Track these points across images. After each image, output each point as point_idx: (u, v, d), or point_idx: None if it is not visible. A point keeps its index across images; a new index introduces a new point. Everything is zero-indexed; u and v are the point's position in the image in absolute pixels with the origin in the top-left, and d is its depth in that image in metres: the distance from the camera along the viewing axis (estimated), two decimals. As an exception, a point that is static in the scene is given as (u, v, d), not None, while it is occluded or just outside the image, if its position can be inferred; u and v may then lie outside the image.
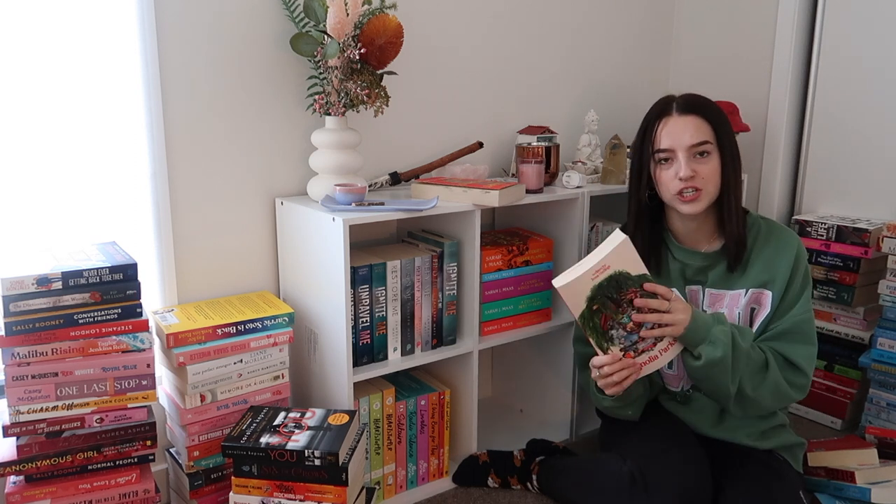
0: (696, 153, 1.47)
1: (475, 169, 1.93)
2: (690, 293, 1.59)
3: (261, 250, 1.79)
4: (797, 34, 2.24)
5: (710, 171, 1.48)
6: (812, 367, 1.50)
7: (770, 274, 1.51)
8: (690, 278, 1.59)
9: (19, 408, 1.34)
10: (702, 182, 1.47)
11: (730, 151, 1.50)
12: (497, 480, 1.80)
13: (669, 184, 1.50)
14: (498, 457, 1.83)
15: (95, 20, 1.51)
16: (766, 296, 1.52)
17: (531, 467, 1.79)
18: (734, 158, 1.51)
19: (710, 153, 1.48)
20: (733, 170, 1.50)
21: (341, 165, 1.66)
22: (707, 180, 1.47)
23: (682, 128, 1.47)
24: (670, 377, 1.62)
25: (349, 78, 1.59)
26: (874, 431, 1.86)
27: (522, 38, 2.15)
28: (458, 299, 1.80)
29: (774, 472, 1.50)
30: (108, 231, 1.61)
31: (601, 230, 2.02)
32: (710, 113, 1.49)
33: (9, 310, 1.31)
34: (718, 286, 1.56)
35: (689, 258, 1.58)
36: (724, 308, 1.55)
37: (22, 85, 1.46)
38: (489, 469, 1.81)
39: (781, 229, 1.56)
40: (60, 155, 1.53)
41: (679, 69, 2.55)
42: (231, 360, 1.54)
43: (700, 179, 1.47)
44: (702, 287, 1.58)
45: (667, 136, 1.49)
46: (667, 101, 1.53)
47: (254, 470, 1.40)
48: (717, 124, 1.49)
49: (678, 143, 1.47)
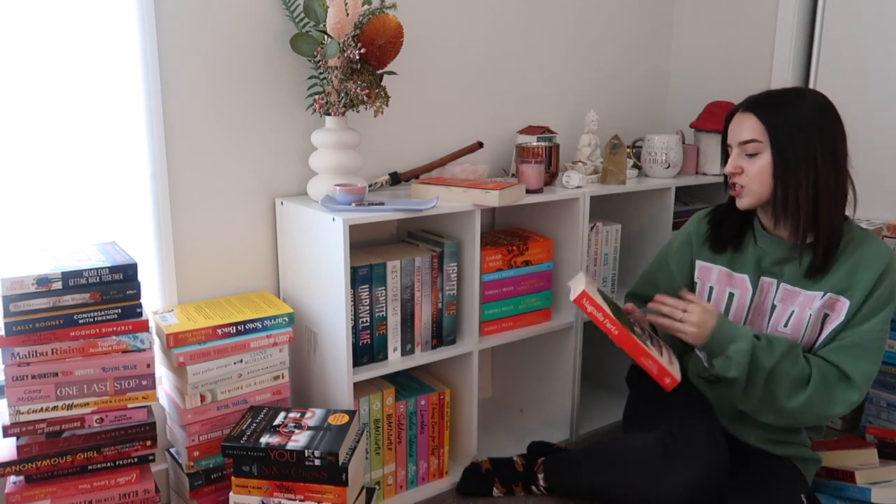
0: (747, 150, 1.48)
1: (475, 169, 1.93)
2: (764, 284, 1.56)
3: (261, 250, 1.79)
4: (797, 34, 2.24)
5: (755, 169, 1.47)
6: (867, 386, 1.44)
7: (851, 282, 1.46)
8: (766, 269, 1.55)
9: (19, 408, 1.34)
10: (745, 179, 1.49)
11: (787, 153, 1.43)
12: (502, 490, 1.76)
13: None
14: (501, 464, 1.80)
15: (95, 20, 1.51)
16: (843, 304, 1.46)
17: (534, 469, 1.77)
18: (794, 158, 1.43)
19: (759, 152, 1.46)
20: (786, 171, 1.43)
21: (341, 165, 1.66)
22: (751, 178, 1.48)
23: (738, 125, 1.50)
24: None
25: (349, 78, 1.59)
26: (874, 431, 1.86)
27: (522, 38, 2.15)
28: (458, 299, 1.80)
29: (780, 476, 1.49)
30: (108, 231, 1.61)
31: (601, 230, 2.03)
32: (766, 111, 1.46)
33: (9, 310, 1.31)
34: (795, 282, 1.52)
35: (770, 246, 1.54)
36: (795, 307, 1.51)
37: (22, 85, 1.46)
38: (493, 478, 1.78)
39: (875, 240, 1.49)
40: (61, 155, 1.53)
41: (679, 69, 2.55)
42: (231, 360, 1.54)
43: (744, 177, 1.49)
44: (777, 280, 1.54)
45: (729, 133, 1.53)
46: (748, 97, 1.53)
47: (254, 470, 1.40)
48: (772, 123, 1.45)
49: (733, 139, 1.51)
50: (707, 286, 1.65)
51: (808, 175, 1.43)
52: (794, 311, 1.51)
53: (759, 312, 1.57)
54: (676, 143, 2.12)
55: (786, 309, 1.53)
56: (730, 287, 1.61)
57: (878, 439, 1.83)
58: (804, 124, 1.44)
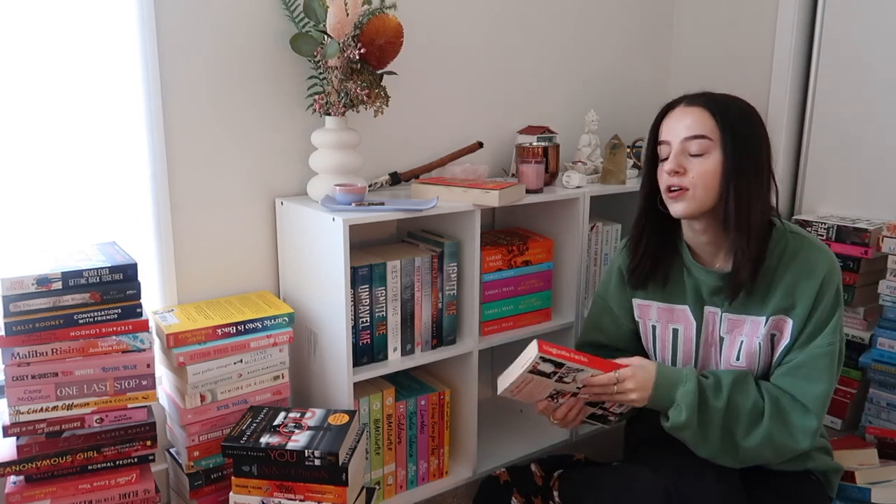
0: (691, 148, 1.31)
1: (475, 169, 1.93)
2: (708, 315, 1.45)
3: (261, 250, 1.79)
4: (797, 34, 2.24)
5: (702, 170, 1.30)
6: (822, 409, 1.33)
7: (792, 299, 1.34)
8: (707, 299, 1.44)
9: (19, 408, 1.34)
10: (689, 181, 1.31)
11: (738, 153, 1.29)
12: (521, 500, 1.68)
13: (662, 181, 1.36)
14: (519, 474, 1.72)
15: (95, 20, 1.51)
16: (787, 323, 1.35)
17: (551, 484, 1.68)
18: (742, 161, 1.30)
19: (707, 151, 1.30)
20: (737, 174, 1.29)
21: (341, 165, 1.66)
22: (697, 179, 1.31)
23: (681, 118, 1.33)
24: None
25: (349, 78, 1.59)
26: (874, 431, 1.86)
27: (522, 38, 2.15)
28: (458, 299, 1.80)
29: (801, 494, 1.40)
30: (108, 231, 1.61)
31: (601, 230, 2.03)
32: (719, 106, 1.32)
33: (9, 310, 1.31)
34: (737, 311, 1.40)
35: (703, 276, 1.42)
36: (743, 336, 1.40)
37: (22, 85, 1.46)
38: (511, 489, 1.70)
39: (811, 247, 1.36)
40: (61, 155, 1.53)
41: (679, 68, 2.55)
42: (231, 360, 1.54)
43: (688, 178, 1.31)
44: (720, 310, 1.43)
45: (666, 127, 1.36)
46: (684, 95, 1.39)
47: (254, 470, 1.40)
48: (725, 120, 1.30)
49: (673, 134, 1.33)
50: (650, 325, 1.52)
51: (757, 180, 1.32)
52: (744, 340, 1.40)
53: (708, 345, 1.46)
54: (676, 143, 2.12)
55: (734, 340, 1.42)
56: (672, 323, 1.49)
57: (878, 439, 1.83)
58: (752, 122, 1.33)
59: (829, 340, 1.33)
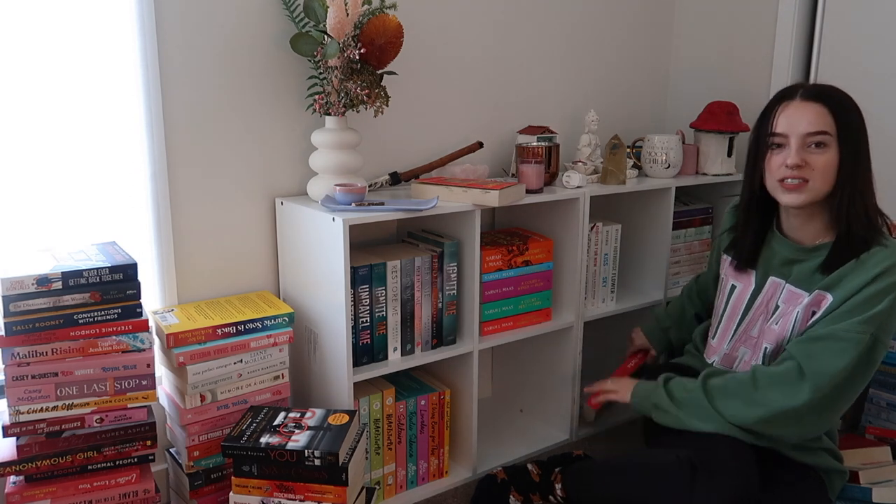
0: (810, 143, 1.38)
1: (475, 169, 1.93)
2: (770, 284, 1.52)
3: (261, 250, 1.79)
4: (797, 34, 2.24)
5: (823, 163, 1.37)
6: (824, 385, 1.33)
7: (842, 280, 1.37)
8: (776, 269, 1.51)
9: (19, 408, 1.34)
10: (810, 173, 1.38)
11: (852, 148, 1.38)
12: (519, 498, 1.70)
13: (776, 171, 1.42)
14: (516, 473, 1.75)
15: (95, 19, 1.51)
16: (827, 300, 1.39)
17: (552, 478, 1.70)
18: (856, 156, 1.39)
19: (826, 145, 1.37)
20: (853, 167, 1.38)
21: (341, 165, 1.66)
22: (817, 173, 1.38)
23: (801, 114, 1.39)
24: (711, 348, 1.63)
25: (349, 78, 1.59)
26: (874, 431, 1.86)
27: (523, 38, 2.15)
28: (458, 299, 1.80)
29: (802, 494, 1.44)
30: (108, 231, 1.61)
31: (601, 230, 2.02)
32: (836, 103, 1.39)
33: (9, 310, 1.31)
34: (800, 284, 1.46)
35: (780, 246, 1.50)
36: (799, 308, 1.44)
37: (22, 85, 1.46)
38: (509, 487, 1.72)
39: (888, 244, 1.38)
40: (60, 155, 1.53)
41: (679, 69, 2.55)
42: (231, 360, 1.54)
43: (808, 170, 1.38)
44: (784, 281, 1.49)
45: (784, 121, 1.40)
46: (793, 86, 1.44)
47: (254, 470, 1.40)
48: (842, 117, 1.38)
49: (793, 129, 1.39)
50: (722, 275, 1.66)
51: (866, 172, 1.41)
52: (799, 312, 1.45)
53: (759, 311, 1.54)
54: (676, 143, 2.12)
55: (787, 310, 1.47)
56: (734, 280, 1.60)
57: (877, 439, 1.83)
58: (860, 118, 1.40)
59: (861, 329, 1.32)
